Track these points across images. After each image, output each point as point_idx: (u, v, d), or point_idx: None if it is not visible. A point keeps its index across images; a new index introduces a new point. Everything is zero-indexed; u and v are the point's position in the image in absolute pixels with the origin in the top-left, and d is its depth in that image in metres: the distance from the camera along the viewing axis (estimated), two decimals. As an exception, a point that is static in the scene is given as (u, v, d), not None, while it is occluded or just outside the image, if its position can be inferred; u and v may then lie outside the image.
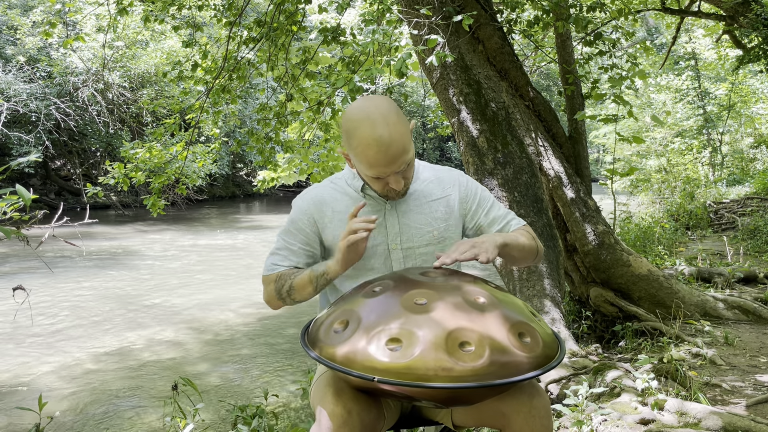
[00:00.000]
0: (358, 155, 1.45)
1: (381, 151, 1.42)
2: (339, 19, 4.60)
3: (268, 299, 1.66)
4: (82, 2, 8.85)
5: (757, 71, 12.35)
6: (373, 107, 1.44)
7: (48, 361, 5.31)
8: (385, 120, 1.42)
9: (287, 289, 1.59)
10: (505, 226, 1.68)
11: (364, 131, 1.42)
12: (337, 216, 1.62)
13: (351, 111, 1.47)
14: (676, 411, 2.56)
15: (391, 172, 1.46)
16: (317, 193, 1.66)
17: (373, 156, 1.42)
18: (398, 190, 1.53)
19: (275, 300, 1.63)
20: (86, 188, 6.49)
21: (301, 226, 1.64)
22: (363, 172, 1.51)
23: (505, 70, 4.30)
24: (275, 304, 1.66)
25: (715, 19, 8.86)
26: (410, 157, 1.48)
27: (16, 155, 16.56)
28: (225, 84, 5.38)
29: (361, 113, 1.44)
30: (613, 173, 4.45)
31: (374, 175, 1.48)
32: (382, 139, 1.41)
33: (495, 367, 1.17)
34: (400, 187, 1.51)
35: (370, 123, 1.41)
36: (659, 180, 13.28)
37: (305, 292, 1.57)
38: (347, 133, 1.47)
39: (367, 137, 1.41)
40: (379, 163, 1.43)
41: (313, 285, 1.55)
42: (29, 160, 1.98)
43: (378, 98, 1.47)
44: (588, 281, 4.44)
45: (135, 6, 5.54)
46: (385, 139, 1.41)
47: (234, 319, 6.73)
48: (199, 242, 12.86)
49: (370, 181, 1.54)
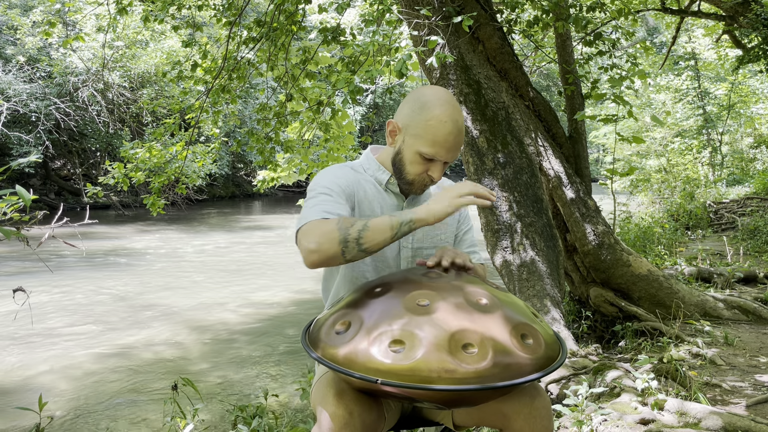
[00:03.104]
0: (425, 129, 1.48)
1: (452, 134, 1.47)
2: (339, 19, 4.60)
3: (320, 245, 1.33)
4: (82, 2, 8.83)
5: (757, 71, 12.33)
6: (450, 95, 1.53)
7: (48, 361, 5.31)
8: (460, 111, 1.52)
9: (359, 229, 1.34)
10: (470, 254, 1.74)
11: (444, 110, 1.47)
12: (367, 198, 1.58)
13: (428, 89, 1.53)
14: (676, 411, 2.56)
15: (443, 159, 1.51)
16: (350, 172, 1.60)
17: (442, 135, 1.47)
18: (433, 180, 1.55)
19: (333, 245, 1.33)
20: (86, 188, 6.48)
21: (344, 188, 1.52)
22: (417, 149, 1.50)
23: (505, 70, 4.29)
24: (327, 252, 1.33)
25: (715, 19, 8.86)
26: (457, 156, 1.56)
27: (16, 155, 16.55)
28: (225, 84, 5.38)
29: (442, 96, 1.50)
30: (613, 173, 4.45)
31: (430, 155, 1.49)
32: (457, 123, 1.48)
33: (498, 368, 1.17)
34: (438, 178, 1.55)
35: (451, 105, 1.49)
36: (659, 180, 13.29)
37: (381, 239, 1.36)
38: (422, 105, 1.49)
39: (445, 115, 1.47)
40: (445, 143, 1.48)
41: (394, 231, 1.37)
42: (29, 161, 1.98)
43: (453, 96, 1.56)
44: (588, 281, 4.44)
45: (135, 6, 5.53)
46: (459, 124, 1.49)
47: (234, 319, 6.72)
48: (200, 242, 12.86)
49: (414, 162, 1.52)
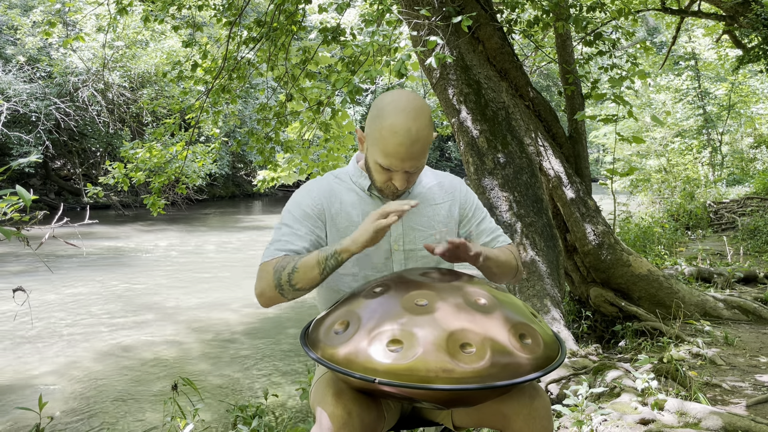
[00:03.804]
0: (379, 139, 1.42)
1: (404, 144, 1.40)
2: (339, 19, 4.60)
3: (262, 290, 1.44)
4: (82, 2, 8.83)
5: (757, 71, 12.34)
6: (411, 101, 1.43)
7: (48, 361, 5.31)
8: (418, 117, 1.41)
9: (289, 272, 1.41)
10: (492, 240, 1.69)
11: (397, 118, 1.40)
12: (344, 209, 1.57)
13: (389, 95, 1.45)
14: (676, 411, 2.56)
15: (398, 169, 1.45)
16: (325, 184, 1.60)
17: (394, 145, 1.40)
18: (398, 190, 1.51)
19: (271, 290, 1.43)
20: (86, 188, 6.49)
21: (309, 212, 1.55)
22: (374, 159, 1.46)
23: (505, 70, 4.29)
24: (269, 296, 1.44)
25: (715, 19, 8.86)
26: (422, 163, 1.48)
27: (16, 155, 16.55)
28: (225, 84, 5.38)
29: (399, 101, 1.42)
30: (613, 173, 4.45)
31: (386, 165, 1.45)
32: (410, 132, 1.40)
33: (496, 368, 1.17)
34: (402, 187, 1.49)
35: (405, 113, 1.40)
36: (659, 180, 13.29)
37: (310, 276, 1.41)
38: (378, 112, 1.43)
39: (397, 125, 1.39)
40: (398, 155, 1.41)
41: (321, 267, 1.40)
42: (30, 161, 1.98)
43: (418, 97, 1.46)
44: (588, 281, 4.44)
45: (135, 6, 5.54)
46: (412, 133, 1.40)
47: (234, 319, 6.73)
48: (200, 242, 12.86)
49: (375, 170, 1.49)
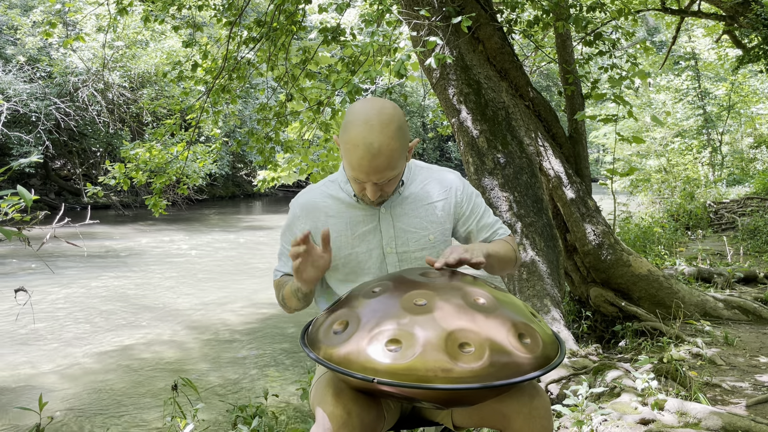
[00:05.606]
0: (345, 151, 1.43)
1: (365, 158, 1.38)
2: (339, 19, 4.60)
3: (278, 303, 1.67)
4: (82, 2, 8.84)
5: (757, 71, 12.34)
6: (376, 112, 1.39)
7: (48, 361, 5.31)
8: (382, 129, 1.38)
9: (282, 298, 1.61)
10: (492, 235, 1.69)
11: (358, 131, 1.38)
12: (331, 221, 1.61)
13: (358, 105, 1.43)
14: (676, 411, 2.56)
15: (365, 181, 1.44)
16: (310, 198, 1.65)
17: (356, 159, 1.40)
18: (372, 200, 1.51)
19: (282, 307, 1.65)
20: (86, 188, 6.49)
21: (295, 231, 1.65)
22: (346, 168, 1.48)
23: (505, 70, 4.30)
24: (285, 310, 1.65)
25: (715, 19, 8.86)
26: (395, 173, 1.45)
27: (17, 155, 16.55)
28: (225, 84, 5.38)
29: (363, 113, 1.39)
30: (613, 173, 4.45)
31: (352, 177, 1.47)
32: (371, 146, 1.37)
33: (495, 368, 1.17)
34: (374, 198, 1.48)
35: (368, 127, 1.37)
36: (659, 180, 13.29)
37: (294, 305, 1.57)
38: (345, 125, 1.43)
39: (358, 138, 1.38)
40: (361, 168, 1.41)
41: (297, 297, 1.53)
42: (30, 161, 1.98)
43: (387, 105, 1.42)
44: (588, 281, 4.44)
45: (135, 6, 5.53)
46: (373, 148, 1.37)
47: (234, 319, 6.73)
48: (200, 242, 12.86)
49: (350, 179, 1.52)
